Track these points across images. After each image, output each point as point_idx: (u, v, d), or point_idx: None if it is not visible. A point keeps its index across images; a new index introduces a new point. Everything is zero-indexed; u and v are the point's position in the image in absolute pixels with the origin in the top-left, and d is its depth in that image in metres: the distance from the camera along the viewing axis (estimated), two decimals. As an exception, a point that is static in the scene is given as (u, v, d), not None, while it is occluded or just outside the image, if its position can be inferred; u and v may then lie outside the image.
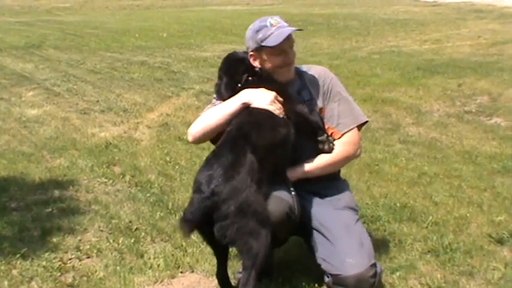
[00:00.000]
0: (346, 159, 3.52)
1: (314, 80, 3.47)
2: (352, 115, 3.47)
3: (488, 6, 19.90)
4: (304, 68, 3.55)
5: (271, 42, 3.27)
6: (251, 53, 3.39)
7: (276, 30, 3.29)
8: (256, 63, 3.38)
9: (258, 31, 3.33)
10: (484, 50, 11.70)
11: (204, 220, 2.91)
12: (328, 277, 3.23)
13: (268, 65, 3.36)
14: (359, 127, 3.51)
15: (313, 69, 3.54)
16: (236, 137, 3.10)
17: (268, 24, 3.32)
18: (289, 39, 3.32)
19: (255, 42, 3.34)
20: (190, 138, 3.45)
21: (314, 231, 3.36)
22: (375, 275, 3.18)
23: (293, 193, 3.23)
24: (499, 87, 8.34)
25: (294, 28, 3.35)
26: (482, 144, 6.00)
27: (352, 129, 3.45)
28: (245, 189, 2.90)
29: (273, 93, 3.25)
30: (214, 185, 2.88)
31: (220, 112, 3.30)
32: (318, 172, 3.42)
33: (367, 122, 3.58)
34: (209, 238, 3.09)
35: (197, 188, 2.95)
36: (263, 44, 3.30)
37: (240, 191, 2.89)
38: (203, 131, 3.36)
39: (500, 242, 3.87)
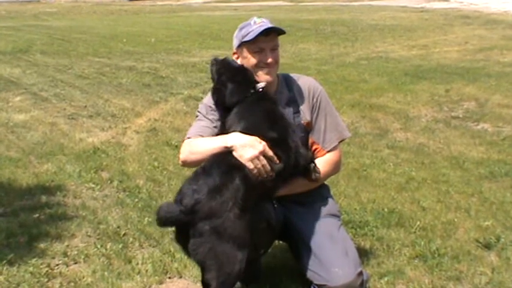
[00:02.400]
0: (327, 177, 3.55)
1: (303, 93, 3.46)
2: (336, 130, 3.50)
3: (474, 12, 20.05)
4: (293, 77, 3.54)
5: (249, 37, 3.27)
6: (235, 50, 3.40)
7: (257, 27, 3.27)
8: (239, 62, 3.38)
9: (242, 29, 3.35)
10: (471, 55, 11.77)
11: (181, 230, 2.92)
12: (314, 287, 3.23)
13: (248, 64, 3.33)
14: (340, 141, 3.54)
15: (301, 81, 3.51)
16: (230, 166, 2.98)
17: (252, 22, 3.32)
18: (270, 38, 3.30)
19: (238, 40, 3.35)
20: (180, 163, 3.35)
21: (298, 241, 3.37)
22: (362, 283, 3.19)
23: (275, 205, 3.23)
24: (486, 92, 8.39)
25: (272, 25, 3.30)
26: (470, 150, 6.03)
27: (336, 146, 3.48)
28: (223, 213, 2.86)
29: (261, 147, 2.98)
30: (195, 202, 2.85)
31: (206, 149, 3.12)
32: (300, 189, 3.41)
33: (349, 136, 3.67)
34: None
35: (180, 199, 2.91)
36: (243, 40, 3.30)
37: (218, 214, 2.86)
38: (193, 161, 3.22)
39: (487, 246, 3.89)
